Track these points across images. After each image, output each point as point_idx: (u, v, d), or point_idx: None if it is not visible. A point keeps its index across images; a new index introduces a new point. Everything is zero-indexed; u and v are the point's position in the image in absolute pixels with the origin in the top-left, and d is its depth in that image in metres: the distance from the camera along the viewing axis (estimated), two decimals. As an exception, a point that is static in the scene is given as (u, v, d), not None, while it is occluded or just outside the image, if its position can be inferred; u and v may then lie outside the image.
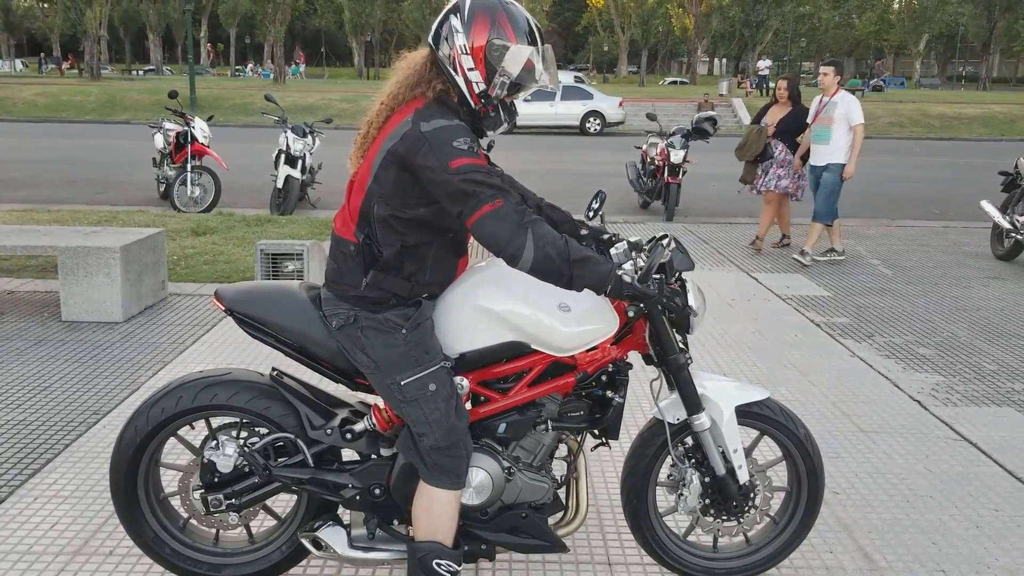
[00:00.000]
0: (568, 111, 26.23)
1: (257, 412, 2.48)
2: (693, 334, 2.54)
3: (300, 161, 10.08)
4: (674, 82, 59.98)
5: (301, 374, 2.61)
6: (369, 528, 2.53)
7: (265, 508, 2.67)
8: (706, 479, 2.64)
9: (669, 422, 2.57)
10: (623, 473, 2.71)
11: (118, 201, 10.97)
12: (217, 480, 2.51)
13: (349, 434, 2.46)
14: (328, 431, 2.46)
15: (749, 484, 2.64)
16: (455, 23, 2.22)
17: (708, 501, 2.66)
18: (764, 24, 54.53)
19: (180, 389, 2.48)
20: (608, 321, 2.42)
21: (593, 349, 2.46)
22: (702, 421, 2.55)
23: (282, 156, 10.06)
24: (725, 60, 76.74)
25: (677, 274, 2.49)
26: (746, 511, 2.68)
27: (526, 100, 26.25)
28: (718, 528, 2.72)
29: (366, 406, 2.55)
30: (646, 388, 2.69)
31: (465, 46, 2.20)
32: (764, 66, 42.37)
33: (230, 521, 2.59)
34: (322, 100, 29.48)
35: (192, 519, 2.64)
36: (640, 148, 11.75)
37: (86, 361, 4.79)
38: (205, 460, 2.50)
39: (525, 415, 2.45)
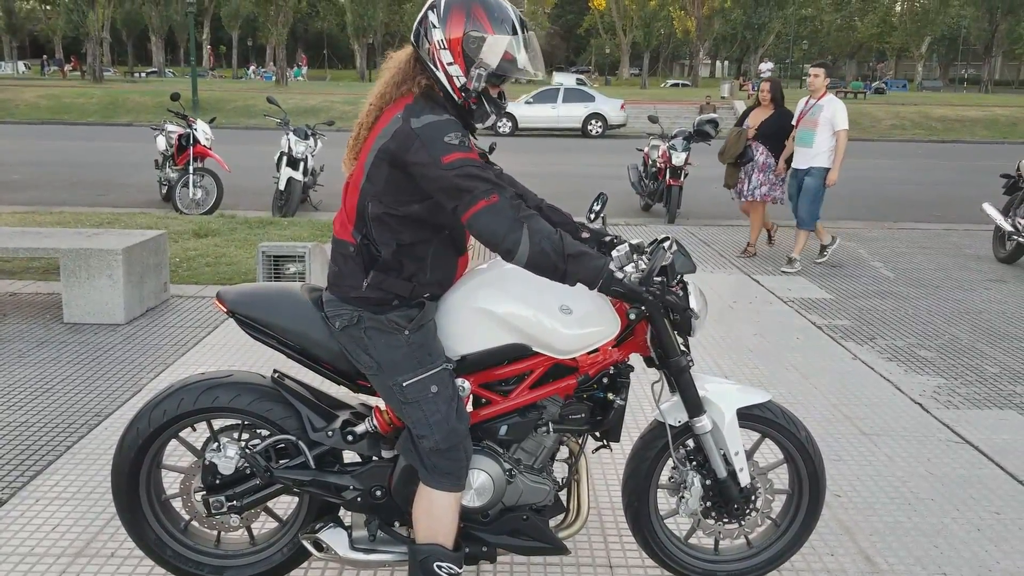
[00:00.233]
0: (570, 113, 26.28)
1: (258, 414, 2.48)
2: (694, 336, 2.55)
3: (302, 163, 10.09)
4: (676, 84, 60.08)
5: (303, 376, 2.62)
6: (370, 530, 2.53)
7: (266, 510, 2.67)
8: (707, 481, 2.64)
9: (670, 424, 2.57)
10: (624, 475, 2.71)
11: (120, 203, 10.98)
12: (219, 482, 2.51)
13: (350, 436, 2.46)
14: (329, 433, 2.46)
15: (750, 486, 2.64)
16: (432, 18, 2.22)
17: (709, 503, 2.66)
18: (766, 27, 54.57)
19: (182, 391, 2.48)
20: (609, 323, 2.42)
21: (595, 351, 2.46)
22: (703, 423, 2.55)
23: (284, 158, 10.07)
24: (727, 63, 76.76)
25: (679, 276, 2.49)
26: (747, 513, 2.68)
27: (527, 102, 26.35)
28: (719, 530, 2.72)
29: (367, 408, 2.55)
30: (647, 390, 2.69)
31: (442, 40, 2.20)
32: (766, 69, 42.31)
33: (231, 523, 2.59)
34: (324, 102, 29.51)
35: (193, 521, 2.64)
36: (642, 150, 11.76)
37: (88, 363, 4.79)
38: (206, 462, 2.50)
39: (526, 417, 2.45)
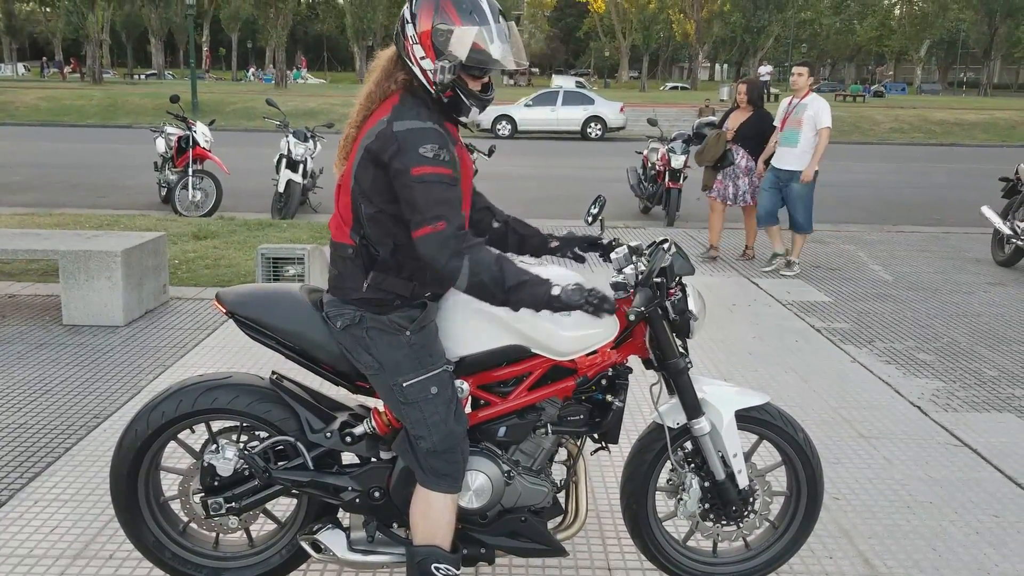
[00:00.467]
0: (569, 116, 26.28)
1: (257, 416, 2.48)
2: (693, 339, 2.55)
3: (301, 165, 10.09)
4: (675, 87, 60.18)
5: (301, 378, 2.62)
6: (368, 531, 2.53)
7: (265, 512, 2.67)
8: (706, 484, 2.65)
9: (669, 426, 2.57)
10: (623, 478, 2.71)
11: (119, 205, 10.99)
12: (217, 484, 2.51)
13: (349, 437, 2.46)
14: (328, 434, 2.47)
15: (748, 489, 2.64)
16: (406, 14, 2.24)
17: (708, 506, 2.67)
18: (765, 30, 54.57)
19: (180, 393, 2.48)
20: (608, 325, 2.43)
21: (593, 353, 2.47)
22: (702, 425, 2.55)
23: (283, 160, 10.07)
24: (726, 65, 76.80)
25: (677, 278, 2.50)
26: (745, 516, 2.68)
27: (527, 105, 26.36)
28: (718, 533, 2.72)
29: (366, 409, 2.56)
30: (646, 392, 2.69)
31: (415, 35, 2.21)
32: (765, 72, 42.32)
33: (230, 525, 2.59)
34: (324, 104, 29.52)
35: (192, 523, 2.64)
36: (641, 153, 11.77)
37: (87, 365, 4.79)
38: (205, 464, 2.50)
39: (525, 419, 2.45)
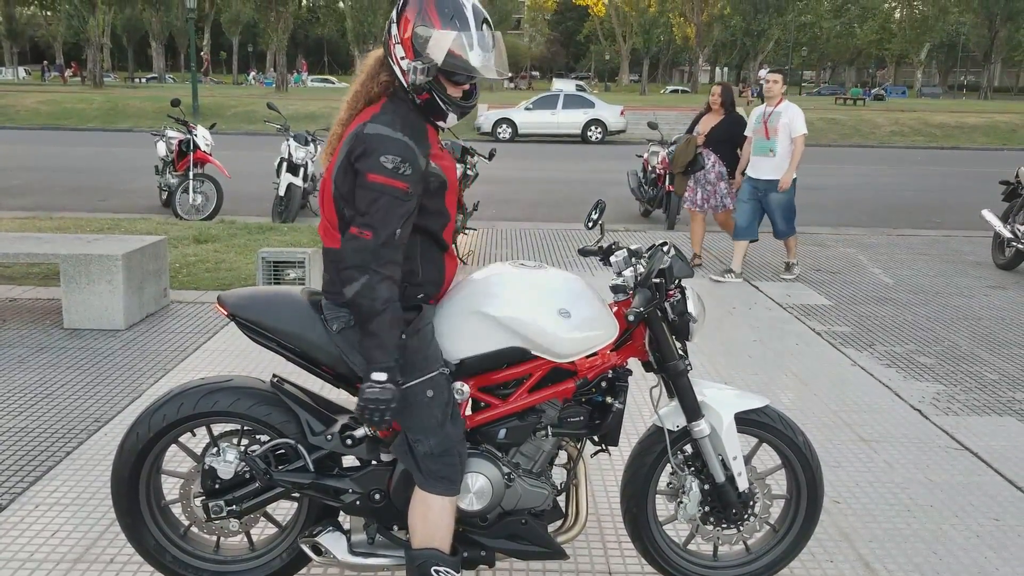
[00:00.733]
0: (570, 119, 26.28)
1: (258, 418, 2.48)
2: (693, 341, 2.56)
3: (302, 169, 10.09)
4: (675, 91, 60.29)
5: (302, 381, 2.62)
6: (369, 534, 2.53)
7: (266, 515, 2.67)
8: (706, 487, 2.65)
9: (669, 429, 2.58)
10: (623, 481, 2.72)
11: (120, 209, 10.99)
12: (218, 487, 2.51)
13: (349, 440, 2.46)
14: (328, 437, 2.47)
15: (748, 492, 2.65)
16: (393, 15, 2.25)
17: (708, 509, 2.67)
18: (765, 33, 54.58)
19: (181, 396, 2.49)
20: (608, 327, 2.43)
21: (593, 355, 2.47)
22: (701, 428, 2.56)
23: (284, 164, 10.07)
24: (726, 69, 76.83)
25: (676, 281, 2.50)
26: (746, 519, 2.68)
27: (527, 108, 26.38)
28: (718, 536, 2.72)
29: (366, 412, 2.55)
30: (646, 395, 2.69)
31: (398, 36, 2.22)
32: (765, 74, 42.32)
33: (231, 528, 2.59)
34: (324, 108, 29.55)
35: (193, 526, 2.64)
36: (641, 156, 11.78)
37: (88, 368, 4.79)
38: (206, 467, 2.51)
39: (525, 421, 2.46)
